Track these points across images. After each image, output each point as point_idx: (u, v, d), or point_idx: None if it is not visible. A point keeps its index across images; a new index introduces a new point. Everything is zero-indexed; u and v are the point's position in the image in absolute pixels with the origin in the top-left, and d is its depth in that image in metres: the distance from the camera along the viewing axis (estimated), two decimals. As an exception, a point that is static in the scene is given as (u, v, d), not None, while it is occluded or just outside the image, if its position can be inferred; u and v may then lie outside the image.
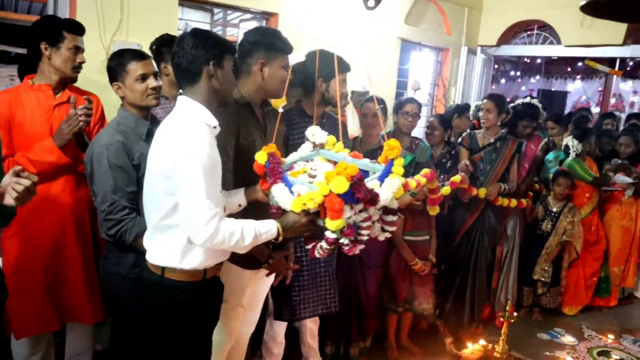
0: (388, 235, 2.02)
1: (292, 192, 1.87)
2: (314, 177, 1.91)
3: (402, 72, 6.73)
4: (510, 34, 7.24)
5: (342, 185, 1.70)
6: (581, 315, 4.65)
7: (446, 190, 3.39)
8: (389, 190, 1.85)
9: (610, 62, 8.02)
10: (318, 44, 2.65)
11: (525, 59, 9.81)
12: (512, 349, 3.37)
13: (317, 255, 1.94)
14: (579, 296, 4.61)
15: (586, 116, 5.18)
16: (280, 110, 2.80)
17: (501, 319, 3.16)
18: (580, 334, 4.27)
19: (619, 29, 6.04)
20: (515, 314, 3.29)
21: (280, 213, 1.93)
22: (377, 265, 3.34)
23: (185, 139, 1.76)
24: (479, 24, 7.17)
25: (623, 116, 8.50)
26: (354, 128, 4.12)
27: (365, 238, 1.88)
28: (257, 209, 2.07)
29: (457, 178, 3.46)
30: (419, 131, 5.48)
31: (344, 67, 2.63)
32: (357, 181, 1.73)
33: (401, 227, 3.35)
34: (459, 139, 4.08)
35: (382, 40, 5.90)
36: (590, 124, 5.18)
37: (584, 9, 3.30)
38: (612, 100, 10.50)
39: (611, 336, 4.24)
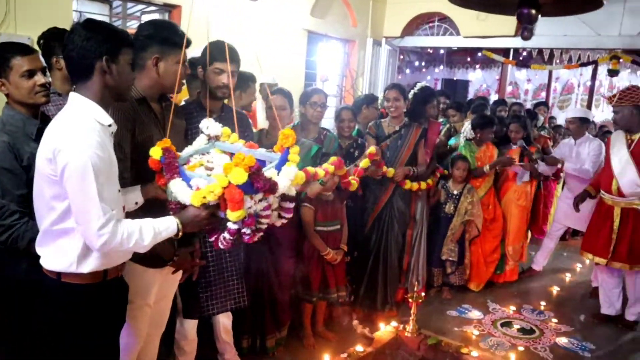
0: (284, 221, 2.06)
1: (190, 186, 1.85)
2: (211, 169, 1.92)
3: (311, 64, 6.80)
4: (414, 26, 7.51)
5: (241, 176, 1.71)
6: (486, 290, 4.92)
7: (365, 162, 3.45)
8: (286, 178, 1.89)
9: (505, 52, 8.52)
10: (223, 37, 2.59)
11: (429, 50, 10.21)
12: (423, 328, 3.51)
13: (221, 247, 1.94)
14: (481, 272, 4.86)
15: (484, 104, 5.49)
16: (183, 103, 2.74)
17: (410, 300, 3.29)
18: (486, 308, 4.52)
19: (511, 21, 6.43)
20: (423, 294, 3.44)
21: (179, 208, 1.90)
22: (288, 255, 3.37)
23: (72, 141, 1.66)
24: (384, 16, 7.38)
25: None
26: (264, 121, 4.12)
27: (264, 226, 1.92)
28: (157, 206, 2.02)
29: (372, 149, 3.54)
30: (327, 122, 5.57)
31: (232, 59, 2.51)
32: (256, 171, 1.75)
33: (312, 218, 3.40)
34: (367, 128, 4.18)
35: (289, 32, 5.93)
36: (487, 111, 5.48)
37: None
38: (509, 88, 11.18)
39: (513, 307, 4.53)
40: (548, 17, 4.27)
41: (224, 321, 3.06)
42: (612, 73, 7.14)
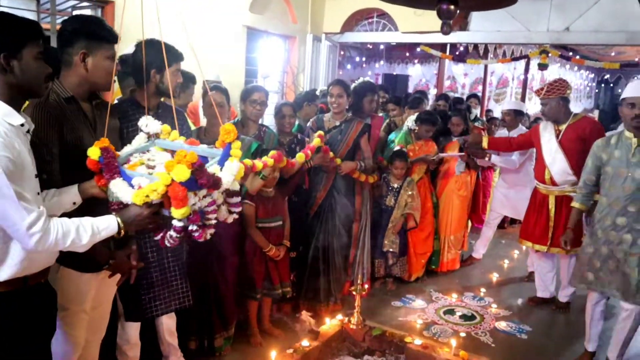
0: (235, 216, 2.06)
1: (132, 186, 1.83)
2: (152, 167, 1.91)
3: (251, 61, 6.75)
4: (353, 22, 7.57)
5: (184, 173, 1.71)
6: (430, 280, 5.06)
7: (317, 141, 3.51)
8: (229, 173, 1.90)
9: (442, 47, 8.73)
10: (159, 35, 2.52)
11: (368, 45, 10.32)
12: (368, 319, 3.56)
13: (168, 245, 1.92)
14: (412, 263, 4.93)
15: (420, 97, 5.60)
16: (116, 101, 2.67)
17: (353, 292, 3.34)
18: (429, 297, 4.65)
19: (446, 16, 6.60)
20: (367, 286, 3.48)
21: (120, 208, 1.88)
22: (232, 253, 3.35)
23: None
24: (323, 12, 7.40)
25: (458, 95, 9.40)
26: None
27: (213, 222, 1.92)
28: (96, 206, 1.95)
29: (317, 141, 3.57)
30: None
31: (178, 57, 2.56)
32: (199, 167, 1.75)
33: (253, 215, 3.39)
34: (308, 123, 4.20)
35: (228, 28, 5.86)
36: (424, 105, 5.59)
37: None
38: (447, 82, 11.47)
39: (455, 295, 4.67)
40: (465, 11, 4.45)
41: (168, 323, 3.00)
42: (542, 67, 7.45)
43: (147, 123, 2.13)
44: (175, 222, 1.83)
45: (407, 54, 11.65)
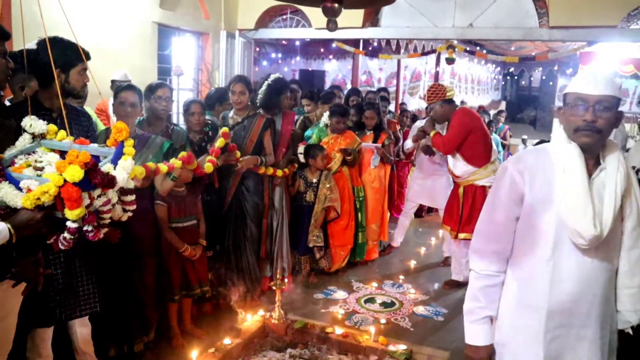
0: (130, 214, 2.11)
1: (20, 189, 1.78)
2: (41, 169, 1.88)
3: (165, 58, 6.60)
4: (267, 18, 7.55)
5: (77, 174, 1.71)
6: (350, 270, 5.17)
7: (221, 142, 3.54)
8: (123, 171, 1.92)
9: (356, 42, 8.90)
10: (63, 32, 2.40)
11: (284, 42, 10.34)
12: (291, 313, 3.60)
13: (62, 247, 1.90)
14: (331, 254, 4.99)
15: (333, 92, 5.69)
16: (7, 102, 2.54)
17: (273, 287, 3.36)
18: (350, 288, 4.75)
19: (358, 14, 6.74)
20: (286, 280, 3.52)
21: (8, 213, 1.80)
22: (149, 255, 3.28)
23: None
24: (237, 8, 7.33)
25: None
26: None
27: (107, 221, 1.95)
28: None
29: (220, 141, 3.57)
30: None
31: (85, 56, 2.46)
32: (92, 167, 1.75)
33: (165, 215, 3.34)
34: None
35: (137, 25, 5.68)
36: (337, 99, 5.68)
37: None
38: (364, 77, 11.71)
39: (375, 284, 4.81)
40: (350, 9, 4.69)
41: (82, 331, 2.87)
42: (449, 61, 7.78)
43: (31, 123, 2.10)
44: (69, 224, 1.82)
45: (323, 50, 11.76)
